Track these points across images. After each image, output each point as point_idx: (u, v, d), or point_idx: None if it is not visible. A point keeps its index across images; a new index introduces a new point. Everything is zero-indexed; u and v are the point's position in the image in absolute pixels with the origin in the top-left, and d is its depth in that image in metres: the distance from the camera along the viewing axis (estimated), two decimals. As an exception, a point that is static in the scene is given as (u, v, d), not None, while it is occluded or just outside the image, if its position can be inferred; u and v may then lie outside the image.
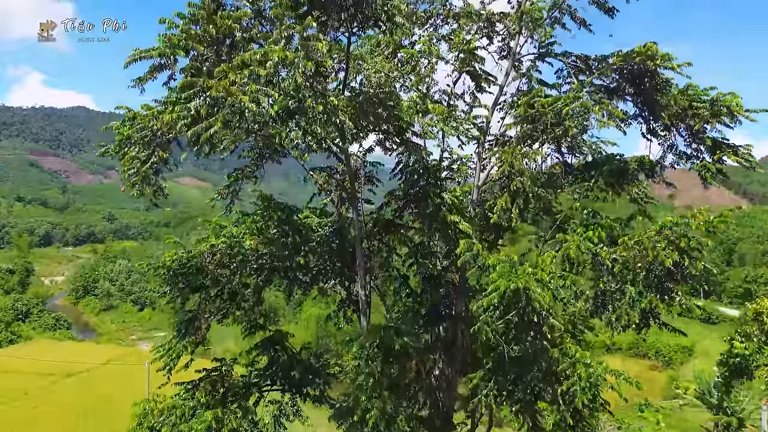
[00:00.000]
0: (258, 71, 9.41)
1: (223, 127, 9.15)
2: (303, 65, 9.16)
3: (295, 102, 9.52)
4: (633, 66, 13.24)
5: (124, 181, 13.48)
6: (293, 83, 9.26)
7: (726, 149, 14.37)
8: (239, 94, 8.89)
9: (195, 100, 9.49)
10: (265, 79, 9.56)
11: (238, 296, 17.05)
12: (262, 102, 9.13)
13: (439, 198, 13.63)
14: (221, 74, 9.52)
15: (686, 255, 12.14)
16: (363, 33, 11.06)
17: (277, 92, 9.60)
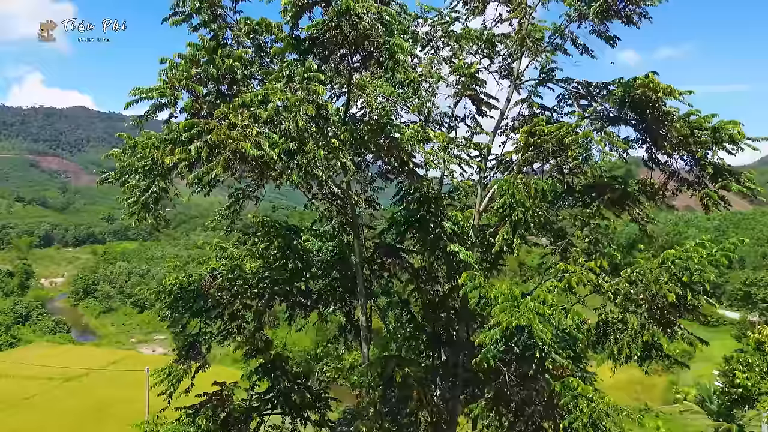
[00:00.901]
0: (259, 113, 9.39)
1: (223, 170, 9.12)
2: (304, 109, 9.12)
3: (297, 144, 9.48)
4: (635, 95, 13.18)
5: (123, 210, 13.49)
6: (295, 126, 9.21)
7: (728, 177, 14.35)
8: (240, 139, 8.86)
9: (196, 142, 9.45)
10: (266, 119, 9.54)
11: (238, 319, 17.07)
12: (263, 145, 9.11)
13: (439, 227, 13.58)
14: (222, 115, 9.50)
15: (689, 289, 12.10)
16: (365, 69, 10.99)
17: (278, 134, 9.56)
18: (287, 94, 9.43)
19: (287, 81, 10.25)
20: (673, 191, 15.06)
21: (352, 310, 15.94)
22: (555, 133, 13.59)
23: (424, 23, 17.15)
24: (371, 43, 10.17)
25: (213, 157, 9.47)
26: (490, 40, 16.50)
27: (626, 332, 12.71)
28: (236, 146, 8.73)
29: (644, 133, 14.25)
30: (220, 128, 9.07)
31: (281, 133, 9.64)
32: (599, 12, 13.35)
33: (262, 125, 9.49)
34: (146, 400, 52.08)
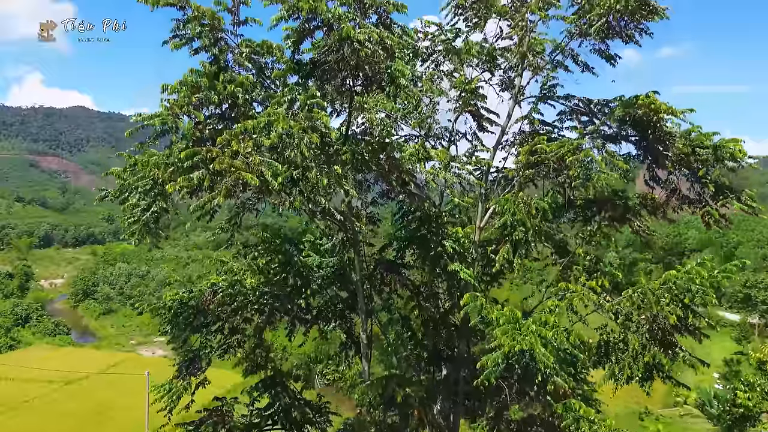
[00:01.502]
0: (262, 141, 9.36)
1: (225, 199, 9.10)
2: (309, 138, 9.09)
3: (300, 172, 9.45)
4: (636, 115, 13.17)
5: (124, 229, 13.48)
6: (299, 154, 9.18)
7: (729, 195, 14.34)
8: (243, 169, 8.83)
9: (198, 170, 9.42)
10: (269, 146, 9.52)
11: (239, 332, 17.07)
12: (265, 174, 9.09)
13: (440, 246, 13.56)
14: (224, 142, 9.47)
15: (690, 311, 12.08)
16: (367, 93, 10.97)
17: (281, 161, 9.54)
18: (290, 122, 9.40)
19: (289, 105, 10.24)
20: (674, 208, 15.05)
21: (352, 326, 15.92)
22: (556, 151, 13.60)
23: (425, 38, 17.13)
24: (372, 68, 10.14)
25: (215, 185, 9.44)
26: (490, 53, 16.49)
27: (627, 353, 12.69)
28: (239, 176, 8.70)
29: (645, 151, 14.23)
30: (223, 157, 9.04)
31: (284, 161, 9.62)
32: (600, 30, 13.33)
33: (264, 152, 9.45)
34: (146, 404, 52.15)
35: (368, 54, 9.69)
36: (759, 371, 23.53)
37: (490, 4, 14.82)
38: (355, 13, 10.67)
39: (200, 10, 10.59)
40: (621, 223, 16.10)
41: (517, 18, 14.31)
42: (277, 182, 9.11)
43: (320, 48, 10.31)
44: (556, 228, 16.40)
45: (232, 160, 9.08)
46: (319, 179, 9.32)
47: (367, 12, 10.85)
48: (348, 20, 10.06)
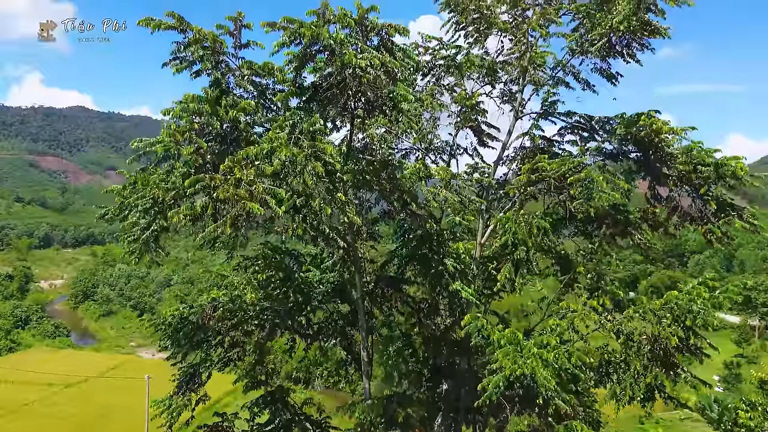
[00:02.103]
0: (265, 168, 9.34)
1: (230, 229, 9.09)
2: (312, 167, 9.06)
3: (303, 199, 9.43)
4: (638, 135, 13.15)
5: (124, 247, 13.46)
6: (301, 182, 9.15)
7: (731, 212, 14.31)
8: (247, 198, 8.81)
9: (201, 198, 9.40)
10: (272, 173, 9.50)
11: (239, 346, 17.05)
12: (269, 203, 9.07)
13: (441, 264, 13.55)
14: (227, 170, 9.45)
15: (692, 333, 12.06)
16: (369, 117, 10.95)
17: (284, 189, 9.51)
18: (293, 149, 9.37)
19: (291, 130, 10.22)
20: (675, 226, 15.02)
21: (352, 342, 15.90)
22: (557, 169, 13.58)
23: (425, 52, 17.11)
24: (375, 93, 10.12)
25: (218, 212, 9.44)
26: (491, 66, 16.47)
27: (629, 373, 12.68)
28: (244, 206, 8.68)
29: (647, 169, 14.19)
30: (226, 185, 9.02)
31: (287, 188, 9.60)
32: (601, 49, 13.32)
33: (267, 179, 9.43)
34: (146, 408, 52.16)
35: (370, 80, 9.66)
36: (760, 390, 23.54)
37: (490, 21, 14.79)
38: (357, 36, 10.65)
39: (201, 33, 10.57)
40: (622, 237, 16.08)
41: (519, 35, 14.28)
42: (281, 210, 9.09)
43: (322, 72, 10.28)
44: (557, 240, 16.38)
45: (236, 188, 9.06)
46: (322, 207, 9.29)
47: (369, 35, 10.81)
48: (350, 45, 10.03)
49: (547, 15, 14.26)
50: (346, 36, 10.08)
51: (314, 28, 9.56)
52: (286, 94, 10.60)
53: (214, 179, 9.37)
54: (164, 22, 10.39)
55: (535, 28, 13.69)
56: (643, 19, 12.20)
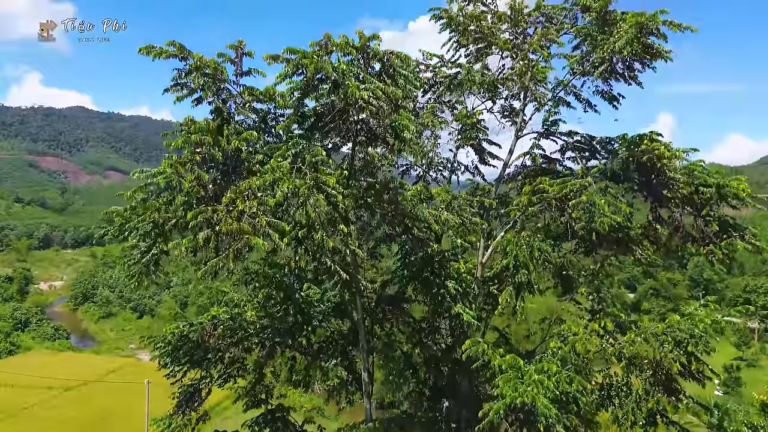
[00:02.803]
0: (268, 200, 9.32)
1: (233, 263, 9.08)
2: (314, 199, 9.03)
3: (305, 231, 9.41)
4: (639, 159, 13.12)
5: (123, 271, 13.46)
6: (304, 214, 9.13)
7: (733, 233, 14.29)
8: (250, 232, 8.79)
9: (202, 230, 9.37)
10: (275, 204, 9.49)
11: (239, 362, 17.03)
12: (272, 236, 9.05)
13: (443, 287, 13.52)
14: (229, 202, 9.42)
15: (694, 358, 12.04)
16: (371, 146, 10.92)
17: (286, 221, 9.49)
18: (296, 181, 9.35)
19: (293, 159, 10.20)
20: (677, 246, 15.00)
21: (353, 362, 15.86)
22: (559, 191, 13.57)
23: (426, 69, 17.10)
24: (377, 122, 10.09)
25: (220, 244, 9.42)
26: (491, 83, 16.43)
27: (631, 397, 12.67)
28: (247, 241, 8.67)
29: (648, 191, 14.16)
30: (229, 218, 8.99)
31: (289, 219, 9.58)
32: (603, 72, 13.31)
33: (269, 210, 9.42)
34: (146, 413, 52.12)
35: (373, 111, 9.64)
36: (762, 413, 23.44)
37: (491, 41, 14.77)
38: (359, 64, 10.63)
39: (202, 60, 10.56)
40: (624, 254, 16.06)
41: (520, 55, 14.25)
42: (283, 243, 9.07)
43: (324, 100, 10.25)
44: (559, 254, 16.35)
45: (238, 222, 9.03)
46: (325, 240, 9.27)
47: (371, 62, 10.79)
48: (352, 74, 10.00)
49: (548, 35, 14.24)
50: (348, 65, 10.05)
51: (317, 59, 9.53)
52: (288, 122, 10.56)
53: (217, 211, 9.35)
54: (165, 50, 10.38)
55: (536, 49, 13.66)
56: (645, 43, 12.17)
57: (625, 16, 13.30)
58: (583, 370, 13.01)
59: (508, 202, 16.20)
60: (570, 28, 14.67)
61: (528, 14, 15.22)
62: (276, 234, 8.99)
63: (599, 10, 12.92)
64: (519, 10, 14.80)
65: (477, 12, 15.12)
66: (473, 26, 14.67)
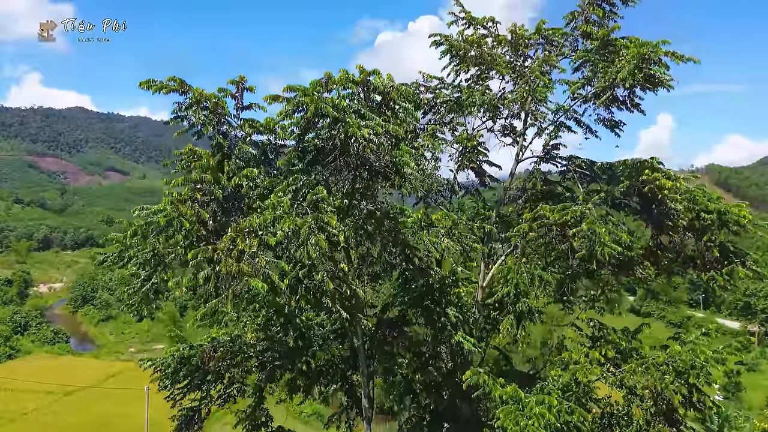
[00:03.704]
0: (268, 240, 9.30)
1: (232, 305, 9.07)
2: (315, 240, 9.01)
3: (305, 271, 9.39)
4: (641, 188, 13.11)
5: (122, 298, 13.45)
6: (305, 254, 9.11)
7: (734, 260, 14.27)
8: (250, 274, 8.77)
9: (203, 270, 9.36)
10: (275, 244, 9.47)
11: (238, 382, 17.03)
12: (272, 277, 9.03)
13: (444, 315, 13.50)
14: (229, 241, 9.40)
15: (695, 389, 12.01)
16: (371, 184, 10.89)
17: (286, 259, 9.48)
18: (297, 220, 9.33)
19: (294, 195, 10.20)
20: (678, 272, 14.99)
21: (353, 387, 15.83)
22: (559, 218, 13.54)
23: (426, 91, 17.08)
24: (377, 159, 10.07)
25: (219, 283, 9.41)
26: (492, 102, 16.42)
27: (632, 427, 12.64)
28: (246, 282, 8.66)
29: (650, 219, 14.14)
30: (229, 259, 8.97)
31: (289, 257, 9.56)
32: (605, 101, 13.30)
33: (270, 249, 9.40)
34: (146, 420, 52.08)
35: (374, 149, 9.63)
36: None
37: (490, 67, 14.75)
38: (359, 97, 10.62)
39: (203, 95, 10.56)
40: (626, 275, 16.04)
41: (521, 82, 14.23)
42: (284, 284, 9.05)
43: (325, 135, 10.24)
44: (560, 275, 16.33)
45: (238, 262, 9.01)
46: (325, 281, 9.24)
47: (371, 95, 10.79)
48: (352, 110, 9.97)
49: (549, 61, 14.21)
50: (348, 101, 10.02)
51: (317, 99, 9.51)
52: (288, 156, 10.55)
53: (217, 250, 9.33)
54: (166, 85, 10.38)
55: (538, 76, 13.63)
56: (647, 73, 12.14)
57: (626, 42, 13.26)
58: (584, 397, 13.02)
59: (509, 222, 16.19)
60: (571, 52, 14.64)
61: (528, 38, 15.18)
62: (276, 276, 8.97)
63: (601, 38, 12.89)
64: (520, 34, 14.77)
65: (477, 36, 15.09)
66: (473, 52, 14.64)
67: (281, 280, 9.10)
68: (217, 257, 9.17)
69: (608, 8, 14.34)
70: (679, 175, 13.78)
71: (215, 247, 9.35)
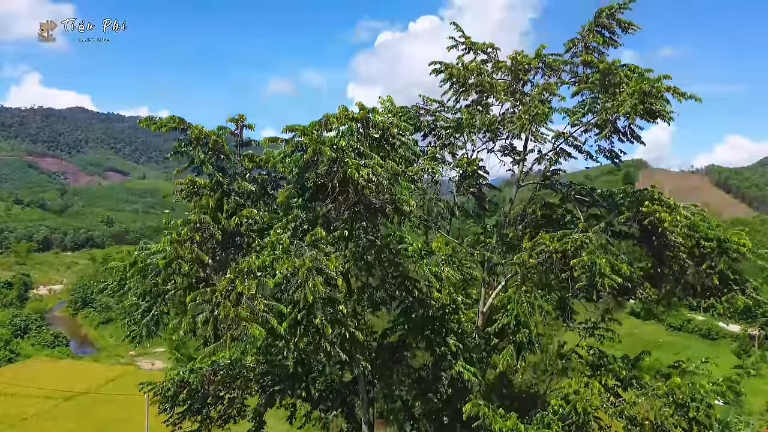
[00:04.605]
0: (267, 282, 9.31)
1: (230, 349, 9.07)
2: (313, 283, 9.01)
3: (304, 314, 9.39)
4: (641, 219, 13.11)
5: (123, 329, 13.49)
6: (302, 297, 9.12)
7: (734, 287, 14.28)
8: (248, 319, 8.78)
9: (202, 312, 9.37)
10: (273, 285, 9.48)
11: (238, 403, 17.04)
12: (270, 320, 9.04)
13: (444, 345, 13.51)
14: (228, 283, 9.40)
15: (695, 423, 12.01)
16: (370, 220, 10.89)
17: (285, 301, 9.48)
18: (295, 261, 9.34)
19: (293, 233, 10.20)
20: (678, 298, 15.01)
21: (353, 412, 15.84)
22: (560, 247, 13.53)
23: (426, 114, 17.09)
24: (376, 198, 10.07)
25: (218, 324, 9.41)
26: (492, 123, 16.41)
27: (632, 459, 12.64)
28: (244, 328, 8.67)
29: (649, 248, 14.13)
30: (227, 303, 8.98)
31: (288, 298, 9.57)
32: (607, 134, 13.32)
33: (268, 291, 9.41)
34: (146, 427, 52.13)
35: (372, 190, 9.63)
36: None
37: (490, 94, 14.77)
38: (359, 132, 10.62)
39: (203, 132, 10.56)
40: (625, 297, 16.04)
41: (521, 110, 14.21)
42: (282, 328, 9.06)
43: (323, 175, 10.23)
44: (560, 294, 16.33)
45: (236, 306, 9.01)
46: (324, 325, 9.25)
47: (371, 131, 10.78)
48: (351, 149, 9.97)
49: (549, 89, 14.21)
50: (347, 140, 10.01)
51: (315, 141, 9.51)
52: (287, 193, 10.54)
53: (216, 292, 9.33)
54: (166, 123, 10.38)
55: (537, 106, 13.62)
56: (648, 108, 12.14)
57: (626, 70, 13.23)
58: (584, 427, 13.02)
59: (510, 244, 16.19)
60: (571, 80, 14.64)
61: (528, 63, 15.16)
62: (275, 320, 8.99)
63: (603, 70, 12.88)
64: (520, 61, 14.76)
65: (477, 63, 15.08)
66: (473, 79, 14.65)
67: (279, 323, 9.11)
68: (216, 300, 9.18)
69: (608, 35, 14.34)
70: (679, 204, 13.78)
71: (214, 288, 9.36)
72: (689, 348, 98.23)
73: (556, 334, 16.23)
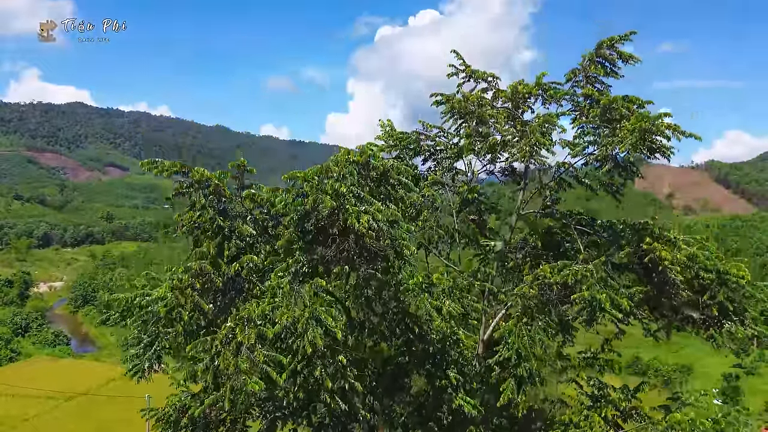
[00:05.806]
0: (267, 332, 9.36)
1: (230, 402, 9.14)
2: (312, 335, 9.06)
3: (303, 364, 9.45)
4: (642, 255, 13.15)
5: (126, 363, 13.56)
6: (301, 347, 9.18)
7: (733, 318, 14.31)
8: (248, 372, 8.83)
9: (202, 360, 9.42)
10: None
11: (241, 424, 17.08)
12: (270, 372, 9.09)
13: (444, 378, 13.56)
14: (228, 331, 9.44)
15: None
16: (368, 266, 10.90)
17: (284, 350, 9.53)
18: (295, 310, 9.39)
19: (293, 277, 10.25)
20: (677, 328, 15.05)
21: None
22: (559, 279, 13.57)
23: (427, 139, 17.14)
24: (376, 243, 10.09)
25: (218, 372, 9.47)
26: (493, 147, 16.42)
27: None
28: (244, 382, 8.73)
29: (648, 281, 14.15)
30: (227, 353, 9.03)
31: (287, 347, 9.62)
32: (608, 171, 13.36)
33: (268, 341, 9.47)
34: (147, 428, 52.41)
35: (372, 237, 9.67)
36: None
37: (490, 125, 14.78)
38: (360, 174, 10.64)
39: (204, 175, 10.59)
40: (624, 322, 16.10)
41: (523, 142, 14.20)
42: (281, 380, 9.12)
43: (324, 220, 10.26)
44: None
45: (236, 356, 9.07)
46: (324, 378, 9.31)
47: (371, 174, 10.82)
48: (351, 195, 9.99)
49: (549, 122, 14.20)
50: (348, 186, 10.02)
51: (316, 190, 9.55)
52: (288, 238, 10.55)
53: (216, 340, 9.39)
54: (168, 168, 10.43)
55: (538, 138, 13.61)
56: (650, 146, 12.16)
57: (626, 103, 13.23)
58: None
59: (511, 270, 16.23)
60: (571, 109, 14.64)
61: (528, 92, 15.15)
62: (274, 372, 9.06)
63: (603, 105, 12.89)
64: (520, 91, 14.75)
65: (478, 91, 15.08)
66: (473, 108, 14.65)
67: (279, 374, 9.18)
68: (216, 349, 9.24)
69: (609, 66, 14.33)
70: (679, 237, 13.80)
71: (214, 337, 9.42)
72: (688, 347, 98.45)
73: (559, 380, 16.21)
